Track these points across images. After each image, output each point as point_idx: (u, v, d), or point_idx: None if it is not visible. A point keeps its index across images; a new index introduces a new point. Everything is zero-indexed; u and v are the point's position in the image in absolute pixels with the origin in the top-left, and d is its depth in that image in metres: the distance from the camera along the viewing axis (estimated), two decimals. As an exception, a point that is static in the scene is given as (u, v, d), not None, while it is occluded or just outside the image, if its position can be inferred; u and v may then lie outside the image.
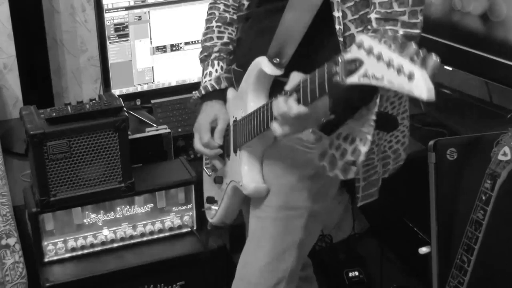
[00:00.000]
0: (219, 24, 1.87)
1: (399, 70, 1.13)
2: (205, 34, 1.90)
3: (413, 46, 1.16)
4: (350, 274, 2.66)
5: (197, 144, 1.86)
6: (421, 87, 1.11)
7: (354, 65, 1.24)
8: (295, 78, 1.50)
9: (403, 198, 2.48)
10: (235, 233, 2.46)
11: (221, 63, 1.86)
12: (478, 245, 1.82)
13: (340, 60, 1.29)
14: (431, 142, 1.99)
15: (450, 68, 2.44)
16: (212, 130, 1.83)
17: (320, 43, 1.63)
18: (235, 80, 1.82)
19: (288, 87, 1.49)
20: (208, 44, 1.88)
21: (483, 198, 1.79)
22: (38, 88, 2.64)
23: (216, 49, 1.86)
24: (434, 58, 1.15)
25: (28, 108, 2.14)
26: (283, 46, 1.61)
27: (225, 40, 1.87)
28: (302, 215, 1.76)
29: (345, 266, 2.69)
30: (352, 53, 1.26)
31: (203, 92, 1.85)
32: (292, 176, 1.73)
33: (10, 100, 2.74)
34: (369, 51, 1.20)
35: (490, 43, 2.24)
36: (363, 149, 1.56)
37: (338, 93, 1.47)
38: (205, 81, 1.86)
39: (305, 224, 1.77)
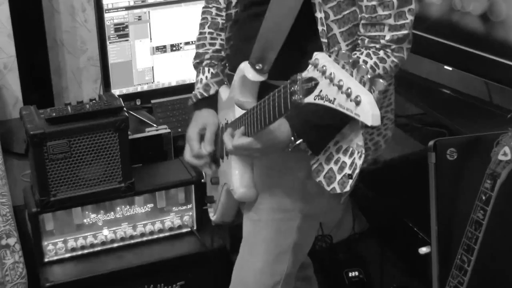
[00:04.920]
0: (211, 30, 1.86)
1: (348, 95, 1.15)
2: (198, 39, 1.89)
3: (363, 67, 1.17)
4: (350, 274, 2.66)
5: (187, 155, 1.85)
6: (367, 113, 1.13)
7: (310, 85, 1.24)
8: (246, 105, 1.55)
9: (403, 198, 2.48)
10: (235, 233, 2.46)
11: (211, 70, 1.85)
12: (478, 245, 1.82)
13: (298, 79, 1.29)
14: (431, 142, 1.99)
15: (450, 68, 2.44)
16: (203, 138, 1.82)
17: (303, 46, 1.61)
18: (229, 83, 1.82)
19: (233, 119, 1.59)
20: (200, 50, 1.88)
21: (483, 198, 1.79)
22: (38, 88, 2.64)
23: (207, 56, 1.86)
24: (381, 81, 1.17)
25: (28, 108, 2.14)
26: (265, 51, 1.60)
27: (217, 47, 1.86)
28: (295, 216, 1.75)
29: (345, 266, 2.69)
30: (309, 72, 1.26)
31: (194, 100, 1.86)
32: (284, 178, 1.73)
33: (10, 100, 2.74)
34: (323, 72, 1.21)
35: (490, 43, 2.23)
36: (359, 162, 1.56)
37: (294, 116, 1.51)
38: (196, 89, 1.87)
39: (299, 226, 1.76)
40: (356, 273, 2.66)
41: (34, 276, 2.12)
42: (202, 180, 1.96)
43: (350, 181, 1.58)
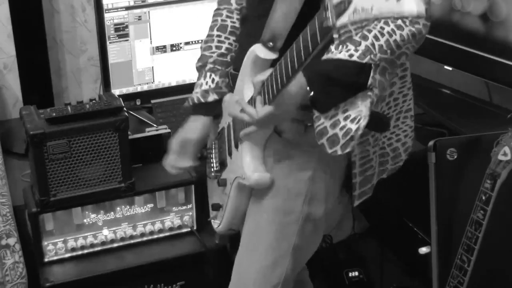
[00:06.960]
0: (219, 33, 1.85)
1: None
2: (205, 42, 1.88)
3: None
4: (350, 274, 2.66)
5: (166, 164, 1.93)
6: (410, 3, 1.10)
7: (343, 6, 1.22)
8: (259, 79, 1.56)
9: (403, 198, 2.48)
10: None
11: (213, 75, 1.83)
12: (478, 245, 1.82)
13: (328, 5, 1.26)
14: (431, 142, 1.99)
15: (450, 68, 2.44)
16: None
17: None
18: (232, 83, 1.81)
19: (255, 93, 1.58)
20: (206, 53, 1.86)
21: (483, 198, 1.79)
22: (38, 88, 2.64)
23: (211, 60, 1.84)
24: None
25: (28, 108, 2.14)
26: (276, 31, 1.60)
27: (223, 50, 1.84)
28: (297, 219, 1.75)
29: (345, 266, 2.69)
30: None
31: (190, 103, 1.86)
32: (289, 179, 1.72)
33: (10, 100, 2.74)
34: None
35: (490, 43, 2.24)
36: (363, 124, 1.55)
37: (312, 66, 1.49)
38: (194, 92, 1.86)
39: (300, 229, 1.75)
40: (356, 273, 2.66)
41: (34, 276, 2.12)
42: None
43: (352, 142, 1.57)
